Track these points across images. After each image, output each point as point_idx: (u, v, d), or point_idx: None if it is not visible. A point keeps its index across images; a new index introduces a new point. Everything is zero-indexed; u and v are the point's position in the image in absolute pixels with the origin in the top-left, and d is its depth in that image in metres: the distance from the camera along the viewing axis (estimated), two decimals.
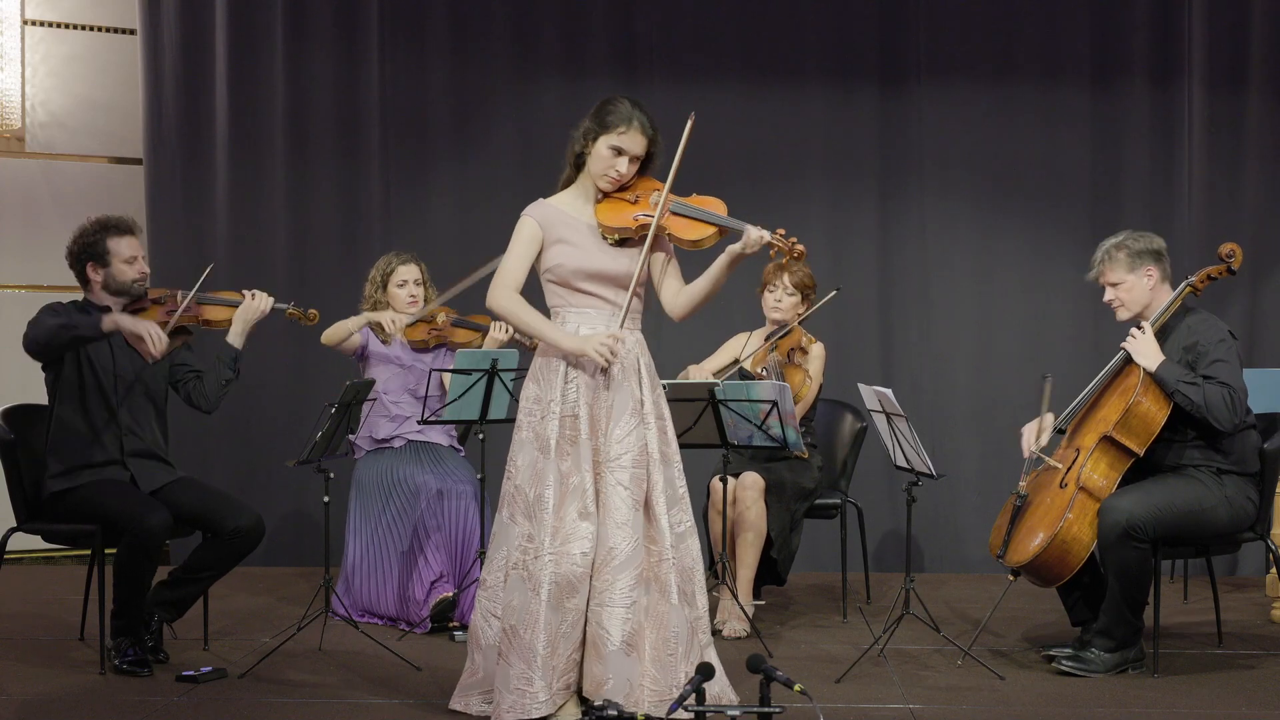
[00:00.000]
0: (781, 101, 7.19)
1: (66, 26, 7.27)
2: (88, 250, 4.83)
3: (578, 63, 7.20)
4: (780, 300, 5.69)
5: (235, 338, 4.96)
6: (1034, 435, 4.94)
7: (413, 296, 5.81)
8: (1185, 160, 7.05)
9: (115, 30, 7.32)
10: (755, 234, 4.08)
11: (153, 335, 4.66)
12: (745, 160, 7.04)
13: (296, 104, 7.16)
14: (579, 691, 4.09)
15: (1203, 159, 7.02)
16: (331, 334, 5.82)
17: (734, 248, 4.09)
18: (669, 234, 4.17)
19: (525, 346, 5.52)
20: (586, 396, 4.09)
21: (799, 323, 5.70)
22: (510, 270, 4.17)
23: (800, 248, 4.13)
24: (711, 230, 4.14)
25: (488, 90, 7.21)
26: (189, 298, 4.86)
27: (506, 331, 5.69)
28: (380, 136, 7.18)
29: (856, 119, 7.18)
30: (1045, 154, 7.14)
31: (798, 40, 7.19)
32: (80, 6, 7.30)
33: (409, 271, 5.83)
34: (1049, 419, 4.96)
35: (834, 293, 5.73)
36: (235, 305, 4.95)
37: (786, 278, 5.66)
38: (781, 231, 4.15)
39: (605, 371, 4.10)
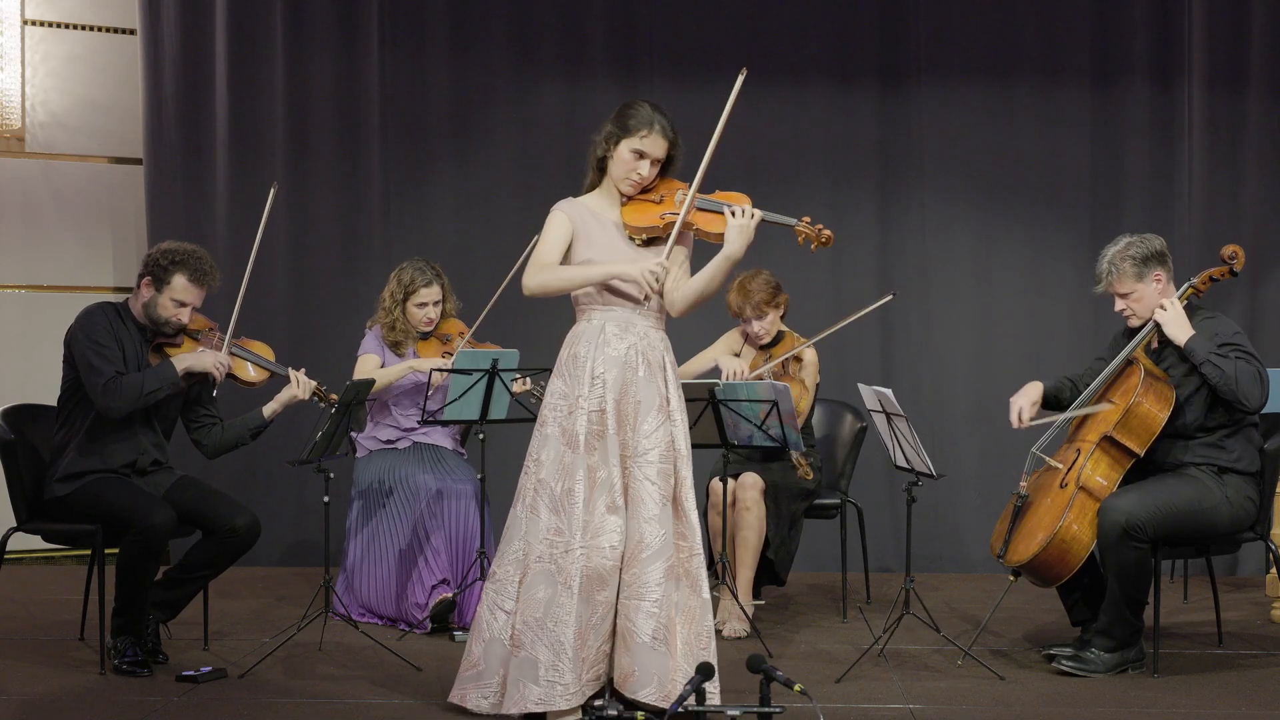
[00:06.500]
0: (781, 101, 7.19)
1: (66, 26, 7.27)
2: (156, 269, 4.80)
3: (578, 63, 7.20)
4: (765, 327, 5.64)
5: (270, 413, 5.02)
6: (1021, 409, 4.93)
7: (430, 319, 5.69)
8: (1185, 160, 7.04)
9: (115, 30, 7.32)
10: (743, 221, 4.03)
11: (220, 366, 4.84)
12: (745, 160, 7.03)
13: (296, 104, 7.15)
14: (610, 682, 4.09)
15: (1203, 159, 7.01)
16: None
17: (728, 245, 4.03)
18: (695, 229, 4.16)
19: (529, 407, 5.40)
20: (613, 392, 4.08)
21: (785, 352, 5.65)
22: (543, 254, 4.14)
23: (828, 233, 4.11)
24: None
25: (488, 90, 7.20)
26: (226, 342, 4.90)
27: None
28: (380, 136, 7.18)
29: (856, 119, 7.18)
30: (1045, 154, 7.14)
31: (798, 40, 7.18)
32: (80, 6, 7.30)
33: (431, 294, 5.65)
34: (1036, 389, 4.96)
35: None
36: (261, 363, 4.99)
37: (750, 309, 5.59)
38: (808, 219, 4.14)
39: (633, 368, 4.10)
